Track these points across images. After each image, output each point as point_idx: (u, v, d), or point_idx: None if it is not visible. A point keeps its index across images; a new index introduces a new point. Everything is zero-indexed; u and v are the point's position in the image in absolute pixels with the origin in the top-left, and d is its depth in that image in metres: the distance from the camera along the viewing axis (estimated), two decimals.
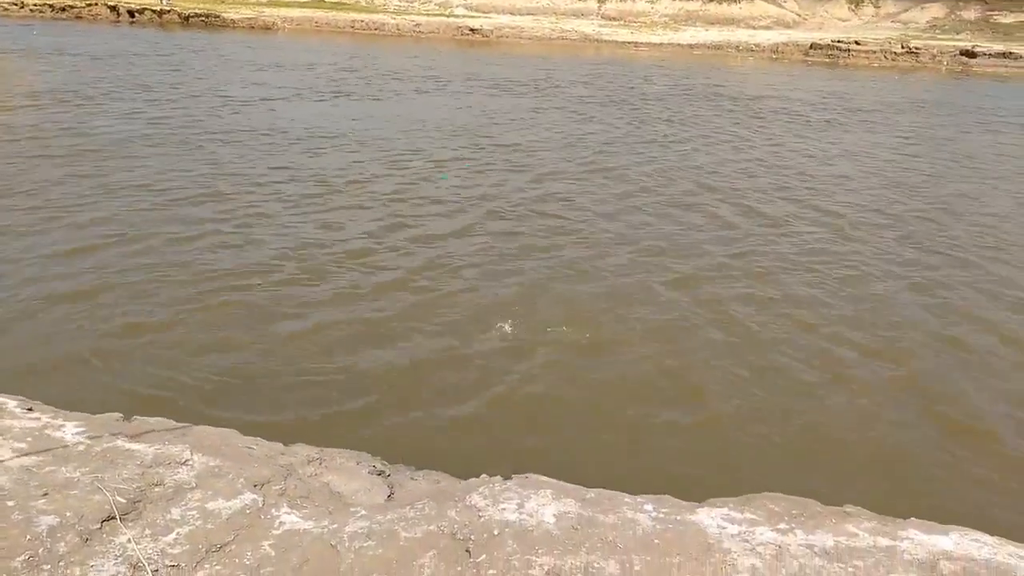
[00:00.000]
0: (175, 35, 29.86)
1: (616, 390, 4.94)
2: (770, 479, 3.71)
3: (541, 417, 4.63)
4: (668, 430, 4.54)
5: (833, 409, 4.85)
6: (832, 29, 40.53)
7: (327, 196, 8.64)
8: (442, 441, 4.34)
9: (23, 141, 10.47)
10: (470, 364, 5.15)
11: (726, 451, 4.38)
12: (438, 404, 4.70)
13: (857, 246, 7.91)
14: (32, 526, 2.33)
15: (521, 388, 4.89)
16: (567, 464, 3.81)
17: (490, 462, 3.76)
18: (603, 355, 5.36)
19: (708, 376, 5.14)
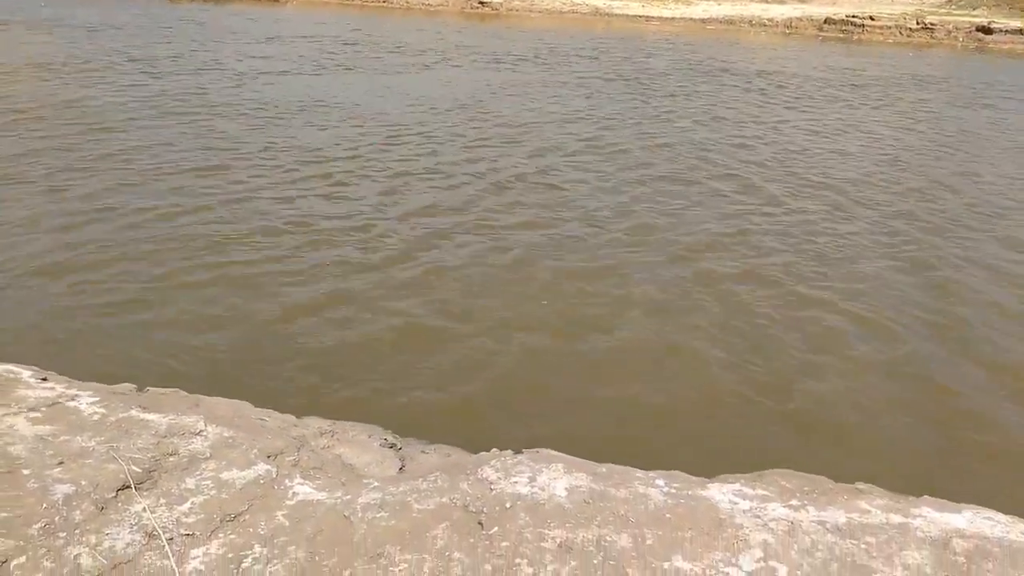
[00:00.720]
0: (181, 7, 29.65)
1: (616, 364, 4.94)
2: (775, 455, 3.72)
3: (543, 392, 4.64)
4: (668, 404, 4.55)
5: (833, 386, 4.84)
6: (846, 4, 39.92)
7: (325, 170, 8.62)
8: (450, 415, 4.35)
9: (21, 113, 10.43)
10: (471, 339, 5.15)
11: (731, 426, 4.38)
12: (443, 379, 4.71)
13: (858, 223, 7.86)
14: (48, 494, 2.35)
15: (516, 365, 4.90)
16: (573, 438, 3.82)
17: (500, 437, 3.78)
18: (602, 330, 5.35)
19: (708, 351, 5.14)
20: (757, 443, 4.23)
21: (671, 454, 3.81)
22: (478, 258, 6.39)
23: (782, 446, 4.20)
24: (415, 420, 4.09)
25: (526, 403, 4.53)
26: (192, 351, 4.78)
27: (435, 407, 4.43)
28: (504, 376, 4.77)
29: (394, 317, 5.35)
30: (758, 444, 4.21)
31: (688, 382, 4.80)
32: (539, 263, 6.35)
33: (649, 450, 3.98)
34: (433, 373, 4.75)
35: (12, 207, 6.83)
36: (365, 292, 5.68)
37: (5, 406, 2.78)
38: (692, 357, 5.09)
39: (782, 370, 4.96)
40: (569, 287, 5.95)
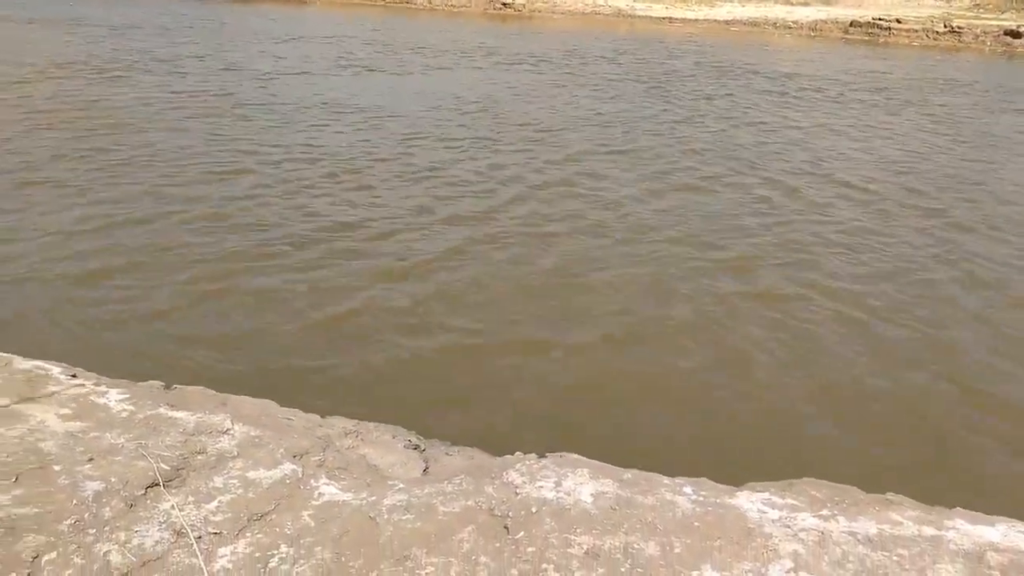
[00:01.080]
0: (206, 7, 29.93)
1: (660, 371, 4.91)
2: (815, 462, 3.68)
3: (582, 396, 4.62)
4: (715, 411, 4.51)
5: (878, 390, 4.79)
6: (872, 7, 39.53)
7: (346, 172, 8.62)
8: (477, 418, 4.34)
9: (45, 113, 10.55)
10: (496, 345, 5.14)
11: (779, 433, 4.34)
12: (470, 383, 4.70)
13: (892, 226, 7.77)
14: (78, 491, 2.37)
15: (557, 373, 4.87)
16: (601, 443, 3.80)
17: (523, 443, 3.76)
18: (645, 340, 5.31)
19: (754, 358, 5.09)
20: (804, 447, 4.20)
21: (705, 457, 3.79)
22: (503, 263, 6.38)
23: (823, 451, 4.16)
24: (438, 423, 4.08)
25: (553, 409, 4.51)
26: (216, 352, 4.81)
27: (459, 411, 4.42)
28: (531, 382, 4.75)
29: (420, 328, 5.35)
30: (804, 449, 4.18)
31: (731, 392, 4.77)
32: (565, 269, 6.33)
33: (672, 457, 3.95)
34: (459, 378, 4.74)
35: (36, 209, 6.90)
36: (387, 296, 5.69)
37: (36, 402, 2.81)
38: (732, 366, 5.04)
39: (829, 382, 4.92)
40: (599, 293, 5.93)
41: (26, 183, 7.47)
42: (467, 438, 3.60)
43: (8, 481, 2.37)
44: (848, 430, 4.44)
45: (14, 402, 2.78)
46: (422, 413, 4.16)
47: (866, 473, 3.77)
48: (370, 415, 3.55)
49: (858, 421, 4.53)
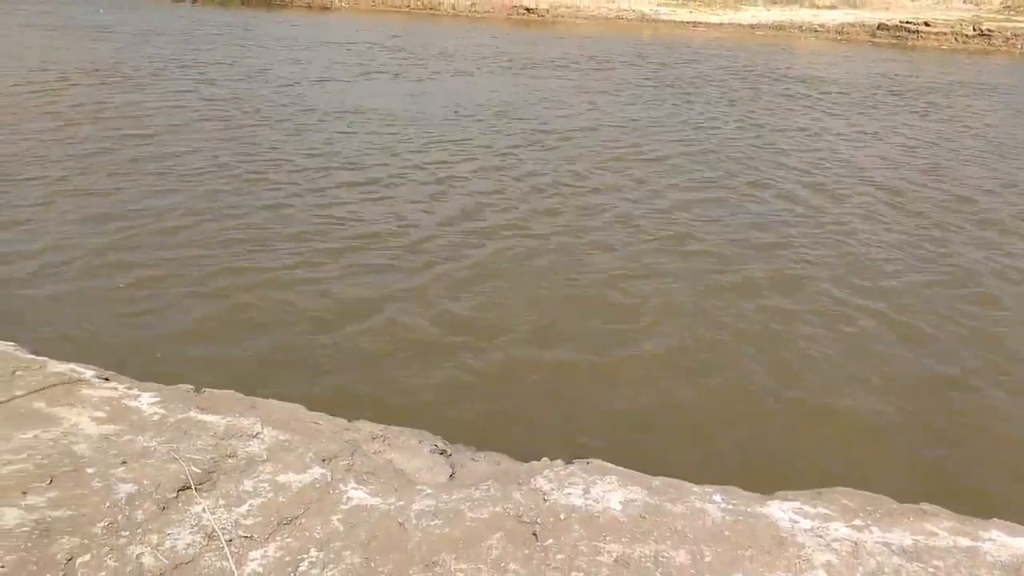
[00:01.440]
0: (232, 14, 30.27)
1: (656, 373, 4.88)
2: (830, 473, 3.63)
3: (584, 402, 4.60)
4: (757, 418, 4.47)
5: (874, 403, 4.72)
6: (900, 10, 39.08)
7: (366, 176, 8.63)
8: (496, 421, 4.34)
9: (73, 119, 10.70)
10: (511, 346, 5.14)
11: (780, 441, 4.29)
12: (486, 386, 4.70)
13: (897, 232, 7.67)
14: (111, 493, 2.40)
15: (556, 373, 4.86)
16: (618, 448, 3.78)
17: (547, 446, 3.75)
18: (642, 338, 5.28)
19: (748, 362, 5.05)
20: (809, 460, 4.14)
21: (720, 468, 3.75)
22: (519, 264, 6.37)
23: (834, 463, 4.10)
24: (463, 426, 4.07)
25: (569, 412, 4.50)
26: (240, 354, 4.85)
27: (481, 413, 4.42)
28: (546, 383, 4.74)
29: (435, 322, 5.36)
30: (810, 461, 4.12)
31: (731, 394, 4.72)
32: (580, 271, 6.31)
33: (695, 463, 3.92)
34: (475, 379, 4.74)
35: (68, 216, 7.00)
36: (405, 297, 5.70)
37: (70, 405, 2.85)
38: (734, 369, 5.00)
39: (823, 384, 4.86)
40: (611, 295, 5.90)
41: (57, 192, 7.58)
42: (494, 445, 3.59)
43: (43, 483, 2.41)
44: (889, 437, 4.38)
45: (49, 405, 2.82)
46: (449, 421, 4.16)
47: (903, 485, 3.72)
48: (397, 420, 3.57)
49: (899, 431, 4.47)
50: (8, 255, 6.06)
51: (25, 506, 2.29)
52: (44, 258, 6.04)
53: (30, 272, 5.80)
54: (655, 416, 4.50)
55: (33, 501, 2.32)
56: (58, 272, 5.82)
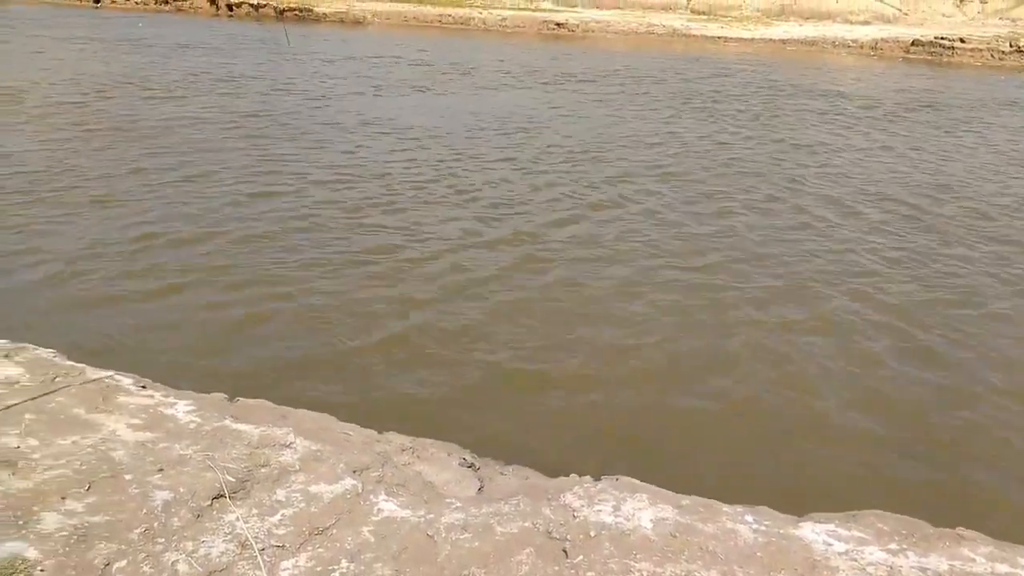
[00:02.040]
0: (268, 28, 30.79)
1: (727, 404, 4.84)
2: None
3: (632, 421, 4.59)
4: (782, 443, 4.43)
5: (941, 420, 4.64)
6: (935, 25, 38.65)
7: (398, 194, 8.60)
8: (524, 437, 4.34)
9: (115, 131, 10.93)
10: (557, 374, 5.14)
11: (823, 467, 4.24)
12: (519, 404, 4.70)
13: (955, 250, 7.55)
14: (148, 500, 2.43)
15: (609, 396, 4.84)
16: (652, 466, 3.76)
17: (575, 462, 3.74)
18: (723, 368, 5.23)
19: (814, 386, 4.99)
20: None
21: (747, 488, 3.71)
22: (551, 285, 6.37)
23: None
24: (488, 438, 4.08)
25: (593, 426, 4.49)
26: (270, 364, 4.90)
27: (507, 425, 4.43)
28: (567, 396, 4.74)
29: (478, 350, 5.38)
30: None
31: (749, 411, 4.69)
32: (620, 292, 6.28)
33: (722, 482, 3.88)
34: (509, 402, 4.74)
35: (102, 226, 7.13)
36: (438, 317, 5.72)
37: (108, 412, 2.90)
38: (751, 384, 4.96)
39: (842, 402, 4.80)
40: (627, 308, 5.89)
41: (96, 200, 7.74)
42: (520, 459, 3.59)
43: (82, 489, 2.45)
44: (915, 461, 4.31)
45: (88, 411, 2.88)
46: (475, 433, 4.17)
47: (933, 507, 3.65)
48: (423, 432, 3.58)
49: (924, 452, 4.40)
50: (44, 263, 6.19)
51: (64, 511, 2.34)
52: (76, 267, 6.16)
53: (64, 280, 5.93)
54: (678, 432, 4.47)
55: (72, 506, 2.37)
56: (92, 282, 5.93)
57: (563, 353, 5.26)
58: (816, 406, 4.78)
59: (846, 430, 4.55)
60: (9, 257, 6.29)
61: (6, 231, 6.82)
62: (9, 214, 7.22)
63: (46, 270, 6.08)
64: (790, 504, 2.84)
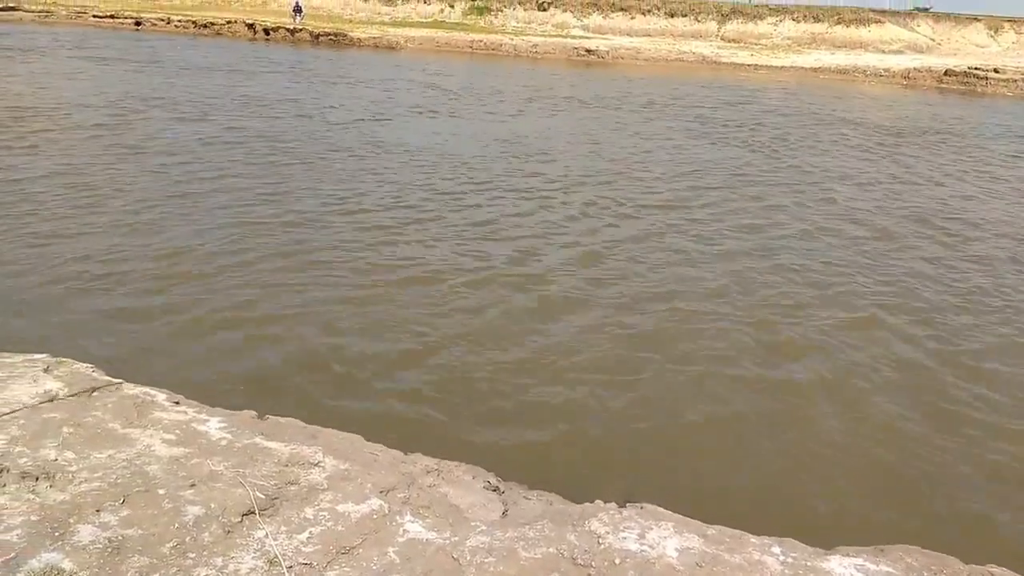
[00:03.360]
0: (302, 52, 31.39)
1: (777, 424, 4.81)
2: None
3: (659, 447, 4.57)
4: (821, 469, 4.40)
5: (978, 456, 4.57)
6: (969, 56, 38.40)
7: (426, 222, 8.64)
8: (547, 459, 4.34)
9: (129, 149, 11.18)
10: (567, 390, 5.14)
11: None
12: (543, 425, 4.71)
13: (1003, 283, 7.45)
14: (180, 515, 2.48)
15: (641, 423, 4.84)
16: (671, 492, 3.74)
17: (600, 487, 3.74)
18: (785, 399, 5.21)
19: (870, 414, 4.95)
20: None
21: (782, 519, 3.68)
22: (565, 300, 6.40)
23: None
24: (513, 462, 4.08)
25: (624, 454, 4.48)
26: (293, 384, 4.96)
27: (532, 451, 4.43)
28: (611, 425, 4.74)
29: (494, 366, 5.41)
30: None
31: (801, 443, 4.65)
32: (662, 321, 6.26)
33: (755, 513, 3.85)
34: (533, 419, 4.76)
35: (128, 245, 7.28)
36: (466, 349, 5.77)
37: (143, 427, 2.97)
38: (804, 421, 4.92)
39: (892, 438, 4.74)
40: (655, 337, 5.89)
41: (118, 223, 7.91)
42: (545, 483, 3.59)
43: (116, 502, 2.51)
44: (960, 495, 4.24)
45: (123, 426, 2.94)
46: (499, 456, 4.18)
47: (965, 543, 3.59)
48: (447, 454, 3.60)
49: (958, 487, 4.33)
50: (81, 278, 6.34)
51: (99, 524, 2.39)
52: (113, 280, 6.31)
53: (101, 294, 6.06)
54: (706, 462, 4.45)
55: (106, 519, 2.42)
56: (120, 298, 6.05)
57: (591, 378, 5.27)
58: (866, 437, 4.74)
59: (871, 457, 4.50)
60: (46, 271, 6.45)
61: (39, 245, 6.99)
62: (41, 228, 7.42)
63: (82, 284, 6.22)
64: (817, 536, 2.82)
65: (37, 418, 2.94)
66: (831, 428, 4.84)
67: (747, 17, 44.41)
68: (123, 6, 42.34)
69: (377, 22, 44.20)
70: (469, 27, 43.93)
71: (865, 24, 42.58)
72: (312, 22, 39.65)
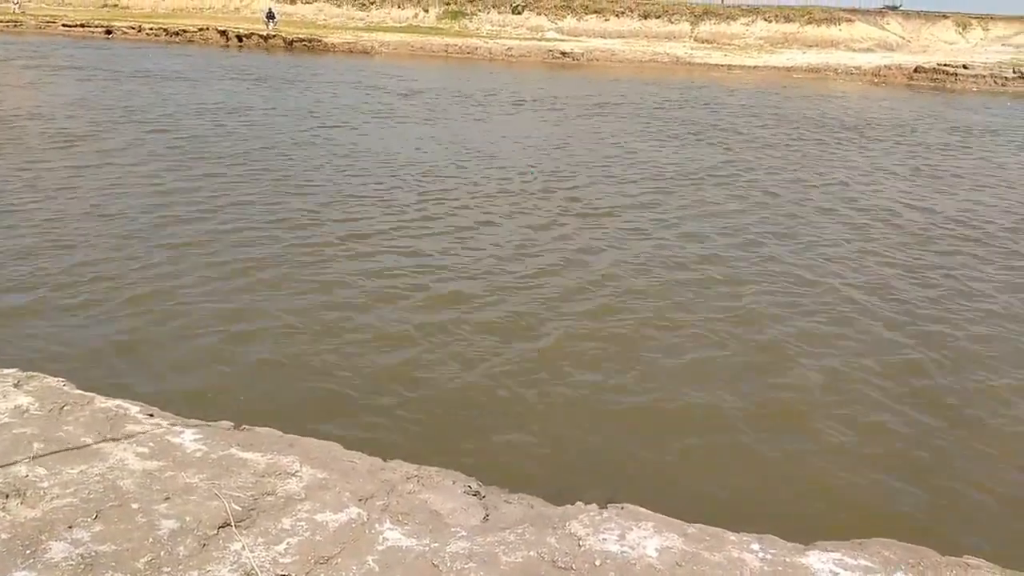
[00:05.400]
0: (279, 58, 31.19)
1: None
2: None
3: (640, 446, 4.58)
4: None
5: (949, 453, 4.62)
6: (938, 52, 38.95)
7: (398, 222, 8.66)
8: (530, 463, 4.33)
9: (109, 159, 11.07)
10: (551, 393, 5.15)
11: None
12: (525, 429, 4.70)
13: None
14: (154, 529, 2.44)
15: (613, 421, 4.85)
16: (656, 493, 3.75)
17: (583, 489, 3.74)
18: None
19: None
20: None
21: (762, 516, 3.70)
22: (546, 308, 6.41)
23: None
24: (495, 466, 4.07)
25: (610, 455, 4.48)
26: (275, 392, 4.93)
27: (517, 455, 4.43)
28: (597, 430, 4.74)
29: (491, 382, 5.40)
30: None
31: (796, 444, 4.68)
32: (646, 327, 6.29)
33: (738, 511, 3.86)
34: (515, 424, 4.75)
35: (112, 258, 7.22)
36: (429, 335, 5.76)
37: (116, 441, 2.92)
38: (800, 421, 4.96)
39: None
40: (629, 341, 5.93)
41: (123, 240, 7.84)
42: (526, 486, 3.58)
43: (89, 518, 2.47)
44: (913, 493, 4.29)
45: (96, 440, 2.90)
46: (481, 461, 4.17)
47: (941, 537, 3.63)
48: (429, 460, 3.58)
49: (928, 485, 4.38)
50: (57, 296, 6.25)
51: (72, 540, 2.35)
52: (82, 292, 6.23)
53: (75, 311, 5.98)
54: (683, 460, 4.46)
55: (79, 535, 2.38)
56: (99, 312, 5.98)
57: (568, 382, 5.27)
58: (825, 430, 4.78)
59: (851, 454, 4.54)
60: (12, 283, 6.35)
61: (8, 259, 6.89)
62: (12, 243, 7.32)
63: (50, 298, 6.13)
64: (797, 531, 2.84)
65: (7, 434, 2.89)
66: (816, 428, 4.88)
67: (720, 18, 44.71)
68: (93, 15, 41.88)
69: (351, 27, 44.02)
70: (444, 31, 43.89)
71: (836, 23, 43.02)
72: (286, 28, 39.39)
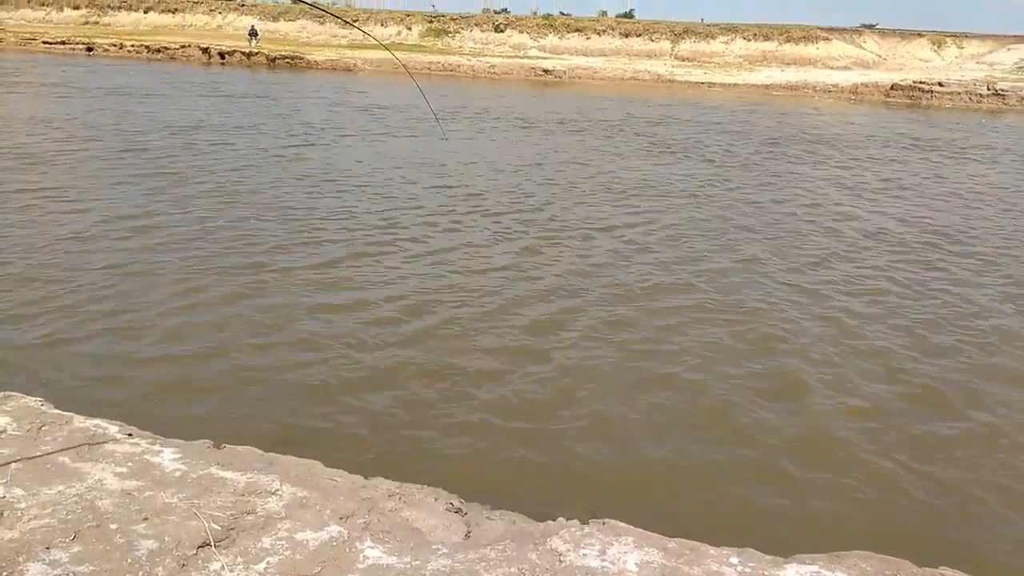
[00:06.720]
0: (258, 75, 31.19)
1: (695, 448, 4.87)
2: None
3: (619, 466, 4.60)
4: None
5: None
6: (914, 70, 39.59)
7: (387, 236, 8.73)
8: (512, 478, 4.34)
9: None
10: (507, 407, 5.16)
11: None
12: (509, 445, 4.71)
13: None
14: (133, 550, 2.43)
15: (588, 432, 4.87)
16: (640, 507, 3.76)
17: (563, 503, 3.74)
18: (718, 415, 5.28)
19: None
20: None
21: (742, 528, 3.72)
22: (528, 336, 6.39)
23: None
24: (477, 482, 4.07)
25: (588, 469, 4.50)
26: (258, 413, 4.91)
27: (498, 470, 4.43)
28: (575, 441, 4.76)
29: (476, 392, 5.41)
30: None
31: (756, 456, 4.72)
32: (633, 341, 6.33)
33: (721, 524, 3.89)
34: (500, 439, 4.76)
35: (90, 267, 7.18)
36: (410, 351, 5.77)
37: (94, 461, 2.90)
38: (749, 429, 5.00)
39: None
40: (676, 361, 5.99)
41: (73, 238, 7.80)
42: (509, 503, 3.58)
43: (67, 539, 2.45)
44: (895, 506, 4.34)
45: (74, 460, 2.88)
46: (462, 478, 4.17)
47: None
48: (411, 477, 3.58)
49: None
50: (32, 314, 6.20)
51: (49, 561, 2.33)
52: (59, 315, 6.18)
53: (50, 330, 5.92)
54: (666, 476, 4.49)
55: (57, 556, 2.36)
56: (78, 329, 5.94)
57: (552, 398, 5.30)
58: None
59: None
60: None
61: None
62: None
63: (32, 320, 6.09)
64: (777, 545, 2.86)
65: None
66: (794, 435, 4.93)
67: (699, 36, 45.22)
68: (74, 32, 41.73)
69: (334, 45, 44.14)
70: (427, 48, 44.10)
71: (813, 41, 43.64)
72: (268, 45, 39.45)
